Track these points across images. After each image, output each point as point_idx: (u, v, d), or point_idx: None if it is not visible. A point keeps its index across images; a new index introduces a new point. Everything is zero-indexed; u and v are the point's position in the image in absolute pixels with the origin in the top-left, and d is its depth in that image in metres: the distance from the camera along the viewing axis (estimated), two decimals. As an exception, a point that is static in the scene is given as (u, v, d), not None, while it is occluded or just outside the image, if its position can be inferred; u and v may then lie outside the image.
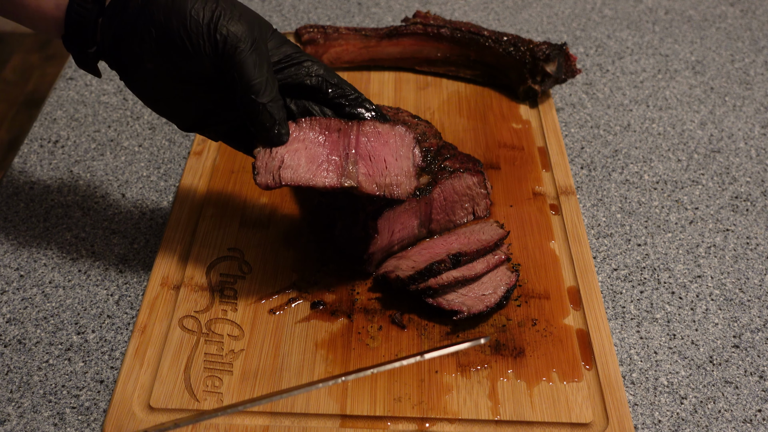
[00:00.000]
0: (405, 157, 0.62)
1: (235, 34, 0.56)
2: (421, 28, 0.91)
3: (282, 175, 0.57)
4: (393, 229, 0.67)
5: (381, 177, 0.60)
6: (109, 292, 0.68)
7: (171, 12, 0.55)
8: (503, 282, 0.65)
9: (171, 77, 0.58)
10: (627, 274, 0.71)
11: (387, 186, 0.60)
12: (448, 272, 0.64)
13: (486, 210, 0.73)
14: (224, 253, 0.70)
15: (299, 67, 0.61)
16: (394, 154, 0.61)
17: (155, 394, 0.59)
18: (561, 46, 0.86)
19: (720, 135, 0.88)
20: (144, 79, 0.59)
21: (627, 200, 0.79)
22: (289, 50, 0.61)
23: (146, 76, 0.58)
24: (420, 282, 0.64)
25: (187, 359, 0.61)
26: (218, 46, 0.56)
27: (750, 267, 0.72)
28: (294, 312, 0.65)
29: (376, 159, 0.60)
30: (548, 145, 0.82)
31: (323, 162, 0.59)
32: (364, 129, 0.61)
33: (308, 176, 0.58)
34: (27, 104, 2.22)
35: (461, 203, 0.70)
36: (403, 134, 0.62)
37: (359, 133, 0.61)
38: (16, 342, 0.64)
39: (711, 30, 1.06)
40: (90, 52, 0.59)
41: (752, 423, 0.60)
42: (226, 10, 0.56)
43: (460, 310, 0.62)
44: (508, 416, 0.58)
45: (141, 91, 0.60)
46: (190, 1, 0.55)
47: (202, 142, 0.82)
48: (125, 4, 0.57)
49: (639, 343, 0.65)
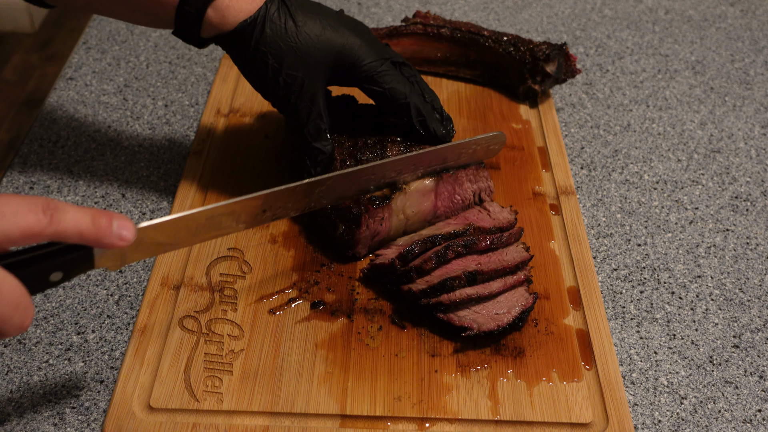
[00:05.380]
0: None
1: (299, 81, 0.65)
2: (421, 28, 0.91)
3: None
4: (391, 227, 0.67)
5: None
6: (109, 292, 0.68)
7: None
8: (519, 303, 0.63)
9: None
10: (627, 274, 0.71)
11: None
12: (462, 289, 0.62)
13: (489, 192, 0.72)
14: (224, 253, 0.70)
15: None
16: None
17: (155, 394, 0.59)
18: (561, 46, 0.86)
19: (720, 135, 0.88)
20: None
21: (627, 200, 0.79)
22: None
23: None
24: (432, 297, 0.62)
25: (187, 359, 0.61)
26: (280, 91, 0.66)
27: (750, 267, 0.72)
28: (294, 312, 0.65)
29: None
30: (548, 145, 0.82)
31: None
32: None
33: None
34: (27, 104, 2.22)
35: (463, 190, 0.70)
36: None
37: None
38: (16, 342, 0.64)
39: (711, 30, 1.06)
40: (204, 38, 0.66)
41: (752, 423, 0.60)
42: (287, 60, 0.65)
43: (470, 327, 0.61)
44: (508, 416, 0.58)
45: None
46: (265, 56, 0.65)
47: (202, 142, 0.82)
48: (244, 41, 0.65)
49: (639, 343, 0.65)
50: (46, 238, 0.44)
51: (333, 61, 0.66)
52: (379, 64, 0.67)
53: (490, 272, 0.63)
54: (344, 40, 0.66)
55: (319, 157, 0.67)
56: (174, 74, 0.94)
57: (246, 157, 0.80)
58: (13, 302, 0.43)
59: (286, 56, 0.64)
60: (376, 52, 0.67)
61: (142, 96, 0.91)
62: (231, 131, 0.84)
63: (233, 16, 0.63)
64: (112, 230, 0.47)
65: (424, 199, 0.68)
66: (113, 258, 0.51)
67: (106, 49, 0.98)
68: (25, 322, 0.44)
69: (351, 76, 0.67)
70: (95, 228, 0.46)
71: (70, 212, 0.45)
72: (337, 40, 0.65)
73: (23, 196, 0.44)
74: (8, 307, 0.43)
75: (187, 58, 0.97)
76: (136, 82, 0.93)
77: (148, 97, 0.91)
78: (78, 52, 0.98)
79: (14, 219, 0.42)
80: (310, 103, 0.66)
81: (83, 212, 0.45)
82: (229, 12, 0.63)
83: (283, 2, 0.65)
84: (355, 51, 0.66)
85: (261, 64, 0.64)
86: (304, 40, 0.64)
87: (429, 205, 0.69)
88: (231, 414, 0.58)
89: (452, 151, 0.68)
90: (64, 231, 0.44)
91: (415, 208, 0.68)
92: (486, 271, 0.63)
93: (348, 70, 0.67)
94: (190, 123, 0.87)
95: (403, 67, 0.70)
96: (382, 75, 0.67)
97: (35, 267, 0.46)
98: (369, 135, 0.70)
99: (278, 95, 0.66)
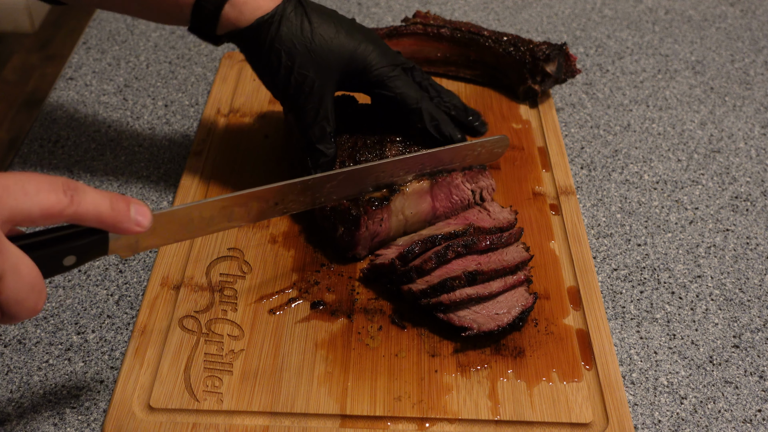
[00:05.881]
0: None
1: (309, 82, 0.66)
2: (421, 28, 0.91)
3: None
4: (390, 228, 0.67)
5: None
6: (109, 292, 0.68)
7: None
8: (519, 303, 0.63)
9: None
10: (627, 274, 0.71)
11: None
12: (462, 289, 0.62)
13: (491, 190, 0.72)
14: (224, 253, 0.70)
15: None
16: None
17: (155, 394, 0.59)
18: (561, 46, 0.86)
19: (720, 135, 0.88)
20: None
21: (627, 200, 0.79)
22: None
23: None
24: (432, 297, 0.63)
25: (187, 359, 0.61)
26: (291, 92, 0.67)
27: (750, 267, 0.72)
28: (294, 312, 0.65)
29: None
30: (548, 145, 0.82)
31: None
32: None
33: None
34: (27, 104, 2.22)
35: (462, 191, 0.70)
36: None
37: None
38: (16, 342, 0.64)
39: (711, 30, 1.06)
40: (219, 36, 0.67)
41: (752, 423, 0.60)
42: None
43: (470, 327, 0.61)
44: (508, 416, 0.58)
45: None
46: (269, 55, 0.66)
47: (202, 142, 0.82)
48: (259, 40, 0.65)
49: (639, 343, 0.65)
50: (65, 218, 0.44)
51: (344, 65, 0.67)
52: (390, 69, 0.68)
53: (490, 272, 0.63)
54: (357, 45, 0.67)
55: (321, 159, 0.68)
56: (174, 74, 0.94)
57: (246, 157, 0.80)
58: (29, 283, 0.43)
59: (299, 55, 0.65)
60: (387, 58, 0.68)
61: (142, 96, 0.91)
62: (231, 131, 0.84)
63: (250, 13, 0.64)
64: (130, 215, 0.47)
65: (423, 200, 0.68)
66: (127, 244, 0.51)
67: (106, 49, 0.98)
68: (38, 305, 0.44)
69: (362, 81, 0.68)
70: (113, 212, 0.46)
71: (90, 194, 0.45)
72: (350, 44, 0.66)
73: (44, 175, 0.44)
74: (24, 288, 0.42)
75: (187, 58, 0.97)
76: (136, 82, 0.93)
77: (148, 97, 0.91)
78: (78, 52, 0.98)
79: (36, 197, 0.42)
80: (318, 105, 0.66)
81: (102, 195, 0.45)
82: (246, 8, 0.64)
83: (300, 3, 0.66)
84: (367, 56, 0.67)
85: (274, 62, 0.65)
86: (318, 41, 0.65)
87: (427, 206, 0.69)
88: (231, 414, 0.58)
89: (456, 154, 0.68)
90: (84, 213, 0.44)
91: (413, 209, 0.68)
92: (486, 271, 0.63)
93: (359, 75, 0.67)
94: (190, 123, 0.87)
95: (413, 71, 0.70)
96: (393, 80, 0.68)
97: (50, 249, 0.46)
98: (369, 135, 0.70)
99: (288, 94, 0.67)
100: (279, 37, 0.64)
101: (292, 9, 0.65)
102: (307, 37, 0.65)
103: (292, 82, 0.66)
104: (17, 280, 0.42)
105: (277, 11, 0.65)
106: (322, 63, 0.65)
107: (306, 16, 0.65)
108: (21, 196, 0.41)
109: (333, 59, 0.66)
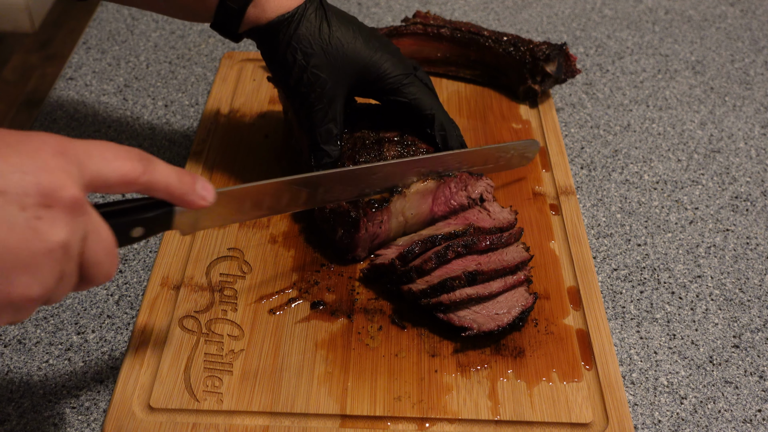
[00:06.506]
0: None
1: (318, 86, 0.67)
2: (421, 28, 0.91)
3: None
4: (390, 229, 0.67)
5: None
6: (109, 292, 0.68)
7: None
8: (519, 303, 0.63)
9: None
10: (627, 274, 0.71)
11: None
12: (462, 289, 0.62)
13: (490, 188, 0.72)
14: (224, 253, 0.70)
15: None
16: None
17: (155, 394, 0.59)
18: (561, 46, 0.86)
19: (720, 135, 0.88)
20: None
21: (627, 200, 0.79)
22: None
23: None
24: (432, 297, 0.63)
25: (187, 359, 0.61)
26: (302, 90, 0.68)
27: (750, 267, 0.72)
28: (294, 312, 0.65)
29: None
30: (548, 145, 0.82)
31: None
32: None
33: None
34: (27, 104, 2.22)
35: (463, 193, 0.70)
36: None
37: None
38: (16, 342, 0.64)
39: (711, 30, 1.06)
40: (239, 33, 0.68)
41: (752, 423, 0.60)
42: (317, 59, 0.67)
43: (470, 327, 0.61)
44: (508, 416, 0.58)
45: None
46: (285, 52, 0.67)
47: (202, 142, 0.82)
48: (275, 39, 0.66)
49: (639, 343, 0.65)
50: (138, 186, 0.46)
51: (358, 72, 0.68)
52: (404, 77, 0.69)
53: (490, 272, 0.63)
54: (372, 53, 0.68)
55: (324, 159, 0.68)
56: (174, 74, 0.94)
57: (246, 157, 0.80)
58: (107, 248, 0.44)
59: (314, 56, 0.66)
60: (402, 67, 0.69)
61: (142, 96, 0.91)
62: (231, 131, 0.84)
63: (272, 10, 0.65)
64: (196, 189, 0.49)
65: (424, 202, 0.68)
66: (188, 221, 0.54)
67: (106, 49, 0.98)
68: (111, 270, 0.45)
69: (375, 88, 0.69)
70: (181, 184, 0.48)
71: (161, 165, 0.47)
72: (365, 52, 0.67)
73: (120, 145, 0.45)
74: (103, 252, 0.44)
75: (187, 58, 0.97)
76: (136, 82, 0.93)
77: (148, 97, 0.91)
78: (78, 52, 0.98)
79: (115, 163, 0.44)
80: (327, 106, 0.67)
81: (171, 168, 0.48)
82: (268, 6, 0.65)
83: (322, 5, 0.67)
84: (383, 66, 0.68)
85: (290, 59, 0.66)
86: (334, 44, 0.66)
87: (428, 207, 0.69)
88: (231, 414, 0.58)
89: (488, 156, 0.71)
90: (156, 183, 0.46)
91: (414, 210, 0.68)
92: (486, 271, 0.63)
93: (373, 83, 0.69)
94: (190, 123, 0.87)
95: (416, 71, 0.71)
96: (407, 86, 0.69)
97: (121, 219, 0.48)
98: (369, 135, 0.70)
99: (300, 92, 0.67)
100: (297, 36, 0.65)
101: (313, 10, 0.66)
102: (325, 39, 0.66)
103: (305, 80, 0.66)
104: (98, 242, 0.44)
105: (298, 11, 0.66)
106: (336, 66, 0.66)
107: (326, 18, 0.67)
108: (101, 161, 0.43)
109: (347, 64, 0.67)
